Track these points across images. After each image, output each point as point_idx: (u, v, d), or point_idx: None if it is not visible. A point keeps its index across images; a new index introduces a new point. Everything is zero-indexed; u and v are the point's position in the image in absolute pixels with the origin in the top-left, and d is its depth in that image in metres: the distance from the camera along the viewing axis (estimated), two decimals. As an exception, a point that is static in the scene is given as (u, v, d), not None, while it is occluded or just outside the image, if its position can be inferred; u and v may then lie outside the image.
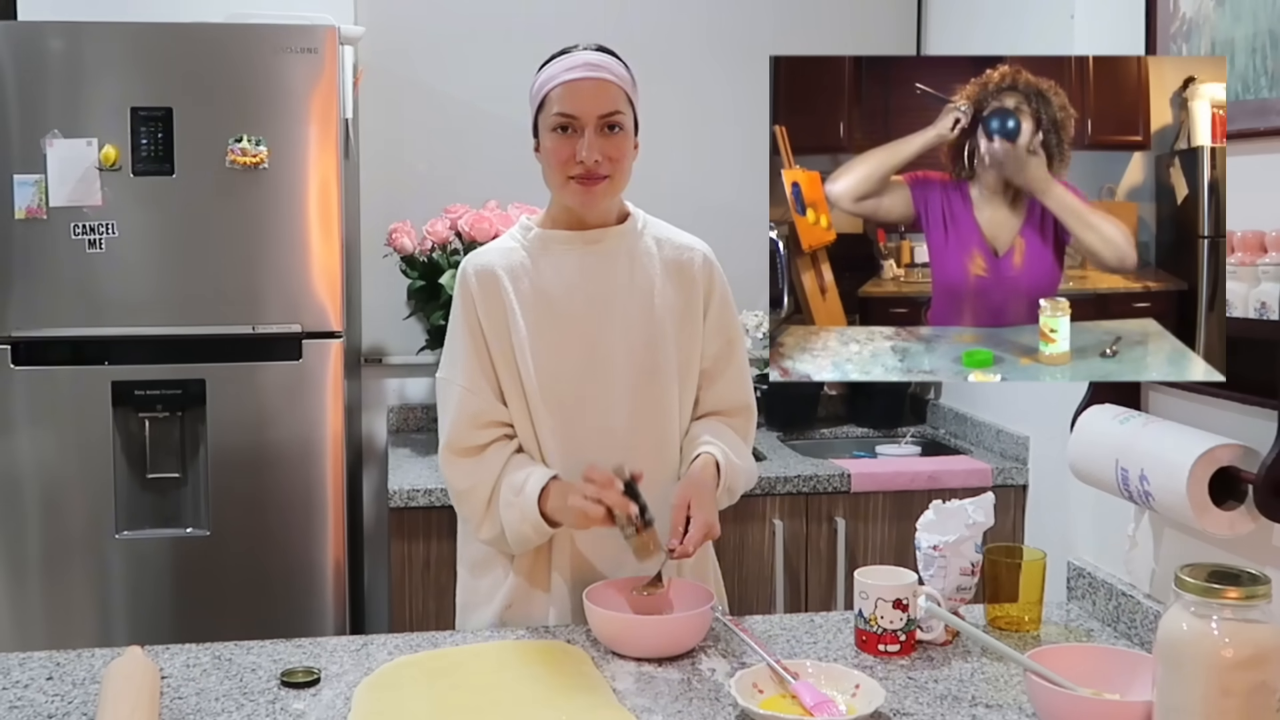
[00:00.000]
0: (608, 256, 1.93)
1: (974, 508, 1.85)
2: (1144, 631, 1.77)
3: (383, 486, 3.19)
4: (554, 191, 1.92)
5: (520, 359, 1.89)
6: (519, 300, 1.90)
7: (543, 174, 1.92)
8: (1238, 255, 1.55)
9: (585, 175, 1.85)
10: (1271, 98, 1.55)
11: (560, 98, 1.84)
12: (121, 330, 2.75)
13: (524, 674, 1.67)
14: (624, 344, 1.91)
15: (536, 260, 1.93)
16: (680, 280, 1.96)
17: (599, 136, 1.84)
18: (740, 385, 2.02)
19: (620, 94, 1.87)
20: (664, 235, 1.99)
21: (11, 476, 2.75)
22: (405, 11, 3.44)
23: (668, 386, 1.94)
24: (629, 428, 1.91)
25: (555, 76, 1.86)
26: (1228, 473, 1.56)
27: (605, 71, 1.86)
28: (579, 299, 1.91)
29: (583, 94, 1.84)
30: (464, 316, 1.92)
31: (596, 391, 1.90)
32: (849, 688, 1.56)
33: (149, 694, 1.52)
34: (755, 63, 3.57)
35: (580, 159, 1.83)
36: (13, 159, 2.69)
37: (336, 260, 2.80)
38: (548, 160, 1.88)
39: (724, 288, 2.01)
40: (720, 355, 1.99)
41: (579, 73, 1.85)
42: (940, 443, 3.42)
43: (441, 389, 1.95)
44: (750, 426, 2.05)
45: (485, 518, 1.89)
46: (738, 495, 1.98)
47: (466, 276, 1.93)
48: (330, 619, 2.83)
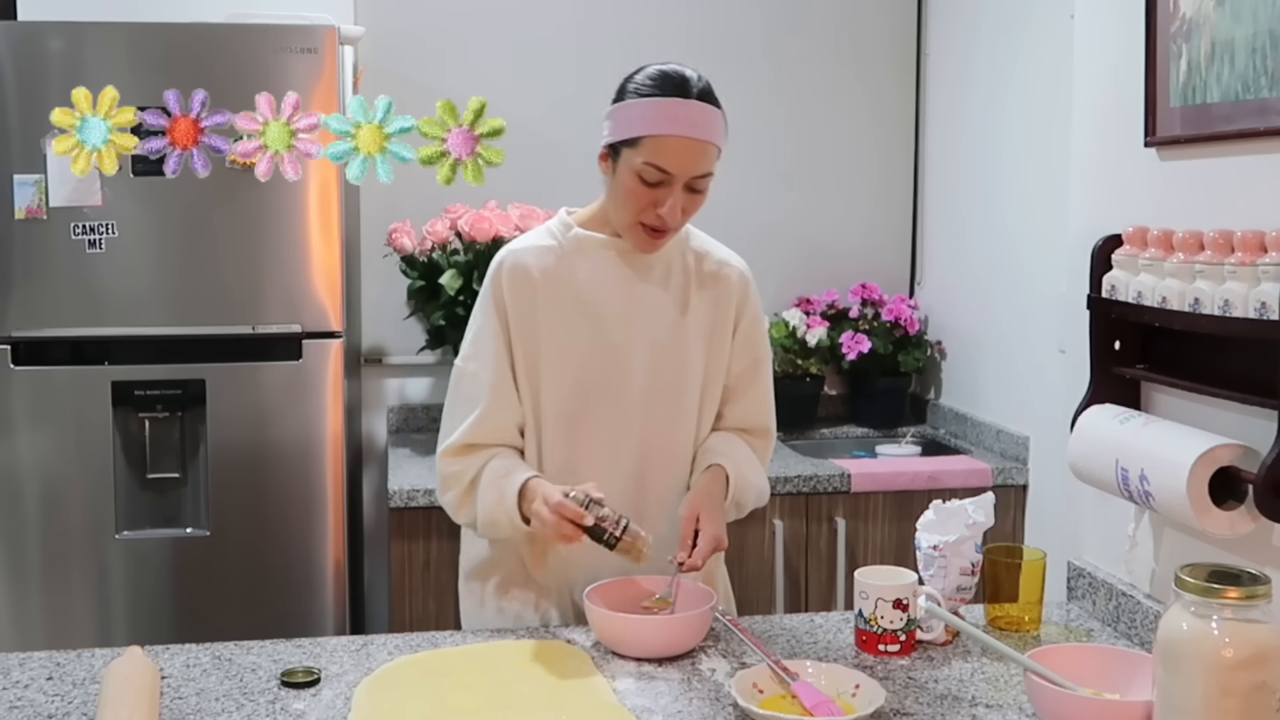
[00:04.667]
0: (645, 266, 1.90)
1: (974, 508, 1.85)
2: (1144, 631, 1.77)
3: (383, 486, 3.19)
4: (617, 223, 1.86)
5: (542, 361, 1.87)
6: (549, 301, 1.87)
7: (608, 196, 1.86)
8: (1238, 255, 1.55)
9: (658, 228, 1.82)
10: (1271, 98, 1.54)
11: (658, 151, 1.76)
12: (121, 330, 2.75)
13: (524, 674, 1.67)
14: (648, 354, 1.89)
15: (572, 260, 1.89)
16: (714, 295, 1.94)
17: (684, 193, 1.79)
18: (762, 407, 2.00)
19: (715, 152, 1.81)
20: (704, 249, 1.97)
21: (11, 476, 2.75)
22: (405, 11, 3.44)
23: (688, 400, 1.92)
24: (642, 437, 1.90)
25: (658, 122, 1.76)
26: (1228, 473, 1.56)
27: (710, 131, 1.78)
28: (610, 305, 1.89)
29: (684, 156, 1.76)
30: (494, 310, 1.89)
31: (613, 399, 1.89)
32: (849, 688, 1.56)
33: (149, 694, 1.52)
34: (755, 63, 3.58)
35: (661, 214, 1.79)
36: (13, 159, 2.69)
37: (336, 260, 2.80)
38: (622, 198, 1.81)
39: (756, 307, 1.98)
40: (745, 373, 1.97)
41: (685, 131, 1.76)
42: (940, 443, 3.42)
43: (463, 381, 1.90)
44: (768, 449, 2.03)
45: (465, 498, 1.87)
46: (746, 511, 1.96)
47: (501, 271, 1.89)
48: (330, 619, 2.83)
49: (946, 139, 3.57)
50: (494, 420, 1.87)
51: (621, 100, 1.81)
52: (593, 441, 1.89)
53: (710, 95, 1.81)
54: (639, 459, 1.90)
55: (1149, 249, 1.71)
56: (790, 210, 3.65)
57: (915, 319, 3.53)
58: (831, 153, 3.68)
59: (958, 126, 3.48)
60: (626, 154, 1.79)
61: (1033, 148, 3.02)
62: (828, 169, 3.69)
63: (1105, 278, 1.80)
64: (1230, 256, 1.56)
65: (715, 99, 1.81)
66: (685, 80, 1.79)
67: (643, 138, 1.77)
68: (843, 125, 3.68)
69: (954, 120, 3.51)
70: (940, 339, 3.57)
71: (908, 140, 3.72)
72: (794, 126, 3.65)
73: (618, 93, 1.83)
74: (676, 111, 1.76)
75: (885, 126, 3.70)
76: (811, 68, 3.64)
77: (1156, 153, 1.79)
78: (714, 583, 2.01)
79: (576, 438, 1.89)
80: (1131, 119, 1.82)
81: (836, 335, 3.49)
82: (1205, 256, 1.60)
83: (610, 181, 1.85)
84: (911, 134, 3.72)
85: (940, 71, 3.60)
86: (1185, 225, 1.66)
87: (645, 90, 1.79)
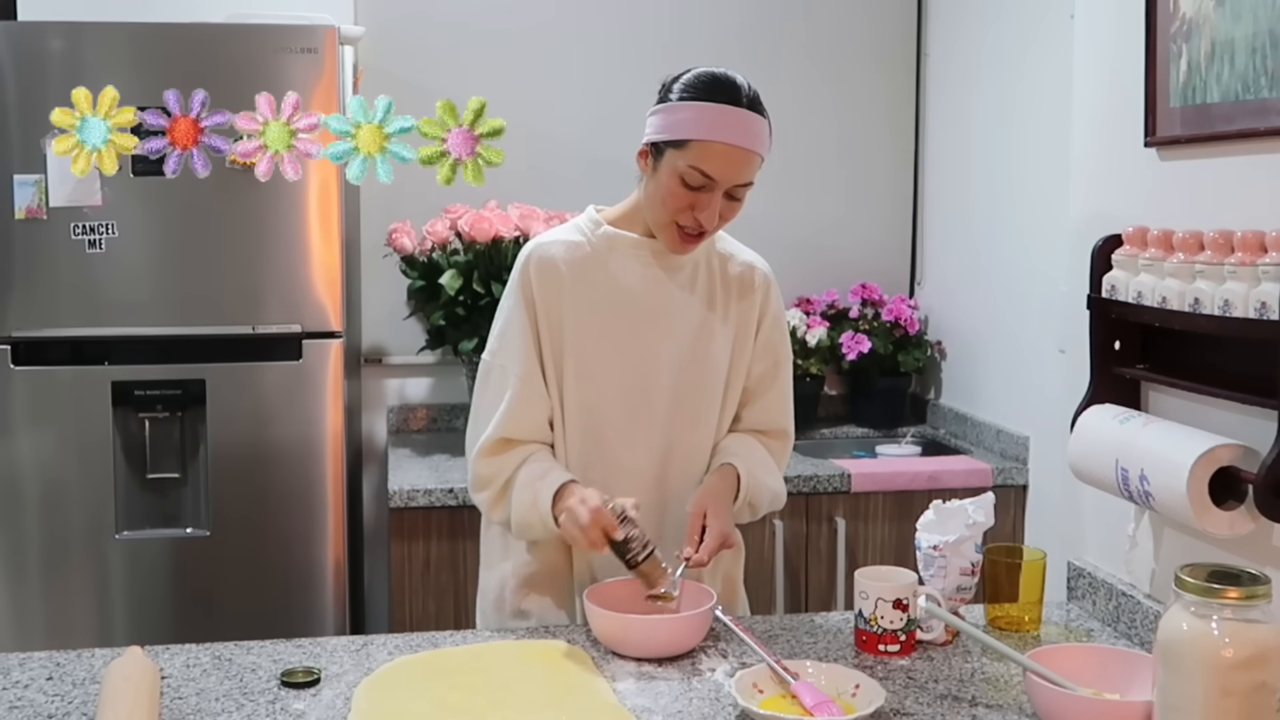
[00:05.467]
0: (674, 267, 1.89)
1: (974, 508, 1.85)
2: (1144, 631, 1.77)
3: (383, 486, 3.19)
4: (651, 221, 1.85)
5: (565, 357, 1.87)
6: (575, 298, 1.87)
7: (645, 193, 1.85)
8: (1238, 255, 1.55)
9: (693, 231, 1.81)
10: (1271, 98, 1.54)
11: (704, 156, 1.75)
12: (121, 330, 2.75)
13: (524, 674, 1.67)
14: (673, 355, 1.89)
15: (601, 258, 1.88)
16: (739, 297, 1.93)
17: (723, 200, 1.79)
18: (781, 409, 2.00)
19: (759, 161, 1.81)
20: (728, 250, 1.96)
21: (11, 476, 2.75)
22: (405, 11, 3.44)
23: (710, 401, 1.92)
24: (664, 438, 1.90)
25: (707, 127, 1.75)
26: (1228, 473, 1.56)
27: (757, 141, 1.78)
28: (636, 305, 1.88)
29: (729, 163, 1.76)
30: (522, 302, 1.88)
31: (637, 399, 1.89)
32: (849, 688, 1.56)
33: (149, 694, 1.52)
34: (755, 62, 3.57)
35: (699, 217, 1.78)
36: (13, 159, 2.69)
37: (336, 260, 2.80)
38: (661, 198, 1.79)
39: (778, 309, 1.98)
40: (765, 375, 1.97)
41: (735, 139, 1.75)
42: (940, 443, 3.42)
43: (492, 374, 1.89)
44: (785, 451, 2.02)
45: (500, 498, 1.86)
46: (761, 512, 1.96)
47: (529, 264, 1.88)
48: (330, 619, 2.83)
49: (946, 139, 3.57)
50: (525, 413, 1.86)
51: (668, 100, 1.80)
52: (614, 440, 1.89)
53: (759, 104, 1.80)
54: (661, 459, 1.90)
55: (1149, 249, 1.71)
56: (790, 210, 3.65)
57: (915, 319, 3.53)
58: (831, 153, 3.68)
59: (958, 126, 3.48)
60: (671, 155, 1.78)
61: (1033, 147, 3.02)
62: (828, 169, 3.69)
63: (1105, 278, 1.80)
64: (1230, 256, 1.56)
65: (763, 108, 1.81)
66: (737, 87, 1.78)
67: (690, 141, 1.75)
68: (843, 125, 3.68)
69: (954, 120, 3.51)
70: (940, 339, 3.57)
71: (908, 140, 3.72)
72: (794, 126, 3.64)
73: (663, 92, 1.82)
74: (726, 119, 1.75)
75: (885, 126, 3.70)
76: (812, 68, 3.64)
77: (1156, 153, 1.79)
78: (734, 584, 2.01)
79: (598, 436, 1.89)
80: (1131, 119, 1.82)
81: (836, 335, 3.49)
82: (1205, 256, 1.60)
83: (648, 180, 1.83)
84: (911, 134, 3.72)
85: (940, 71, 3.59)
86: (1185, 225, 1.66)
87: (697, 93, 1.77)
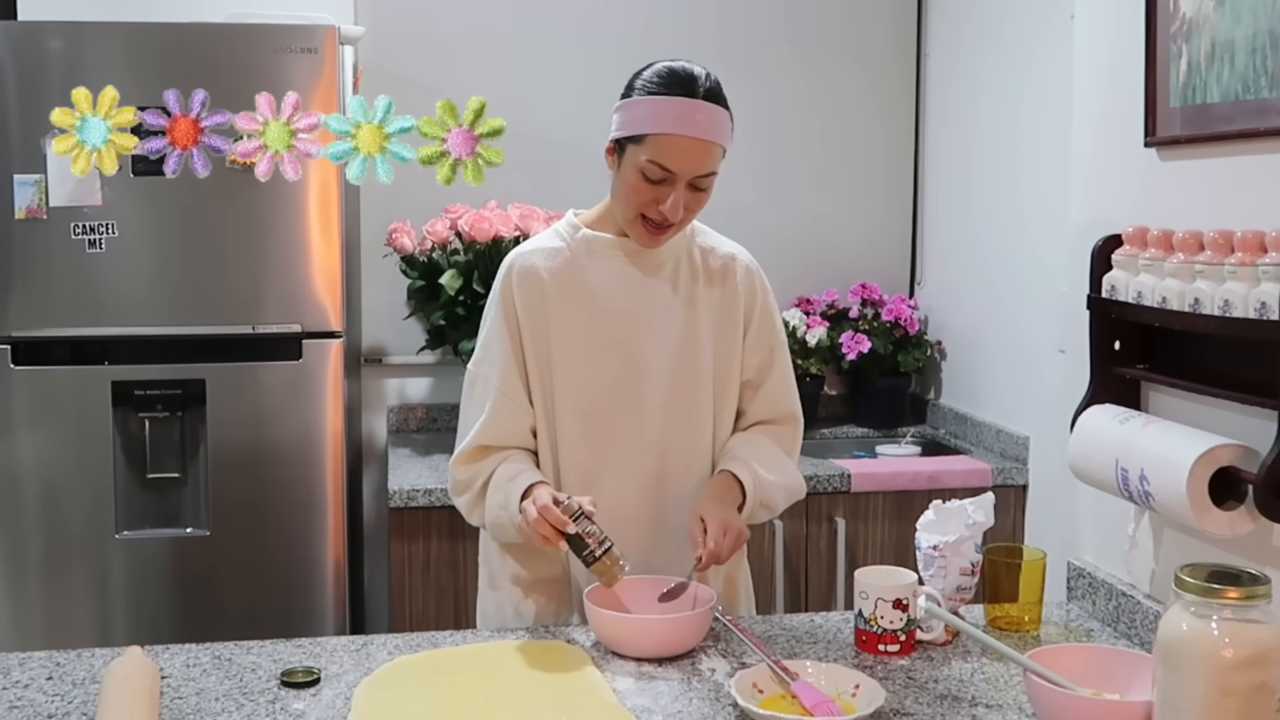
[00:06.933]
0: (653, 265, 1.90)
1: (974, 508, 1.85)
2: (1144, 631, 1.77)
3: (383, 486, 3.19)
4: (619, 217, 1.87)
5: (554, 363, 1.87)
6: (559, 304, 1.88)
7: (612, 191, 1.87)
8: (1238, 255, 1.55)
9: (659, 224, 1.82)
10: (1271, 98, 1.54)
11: (662, 150, 1.77)
12: (121, 330, 2.75)
13: (524, 674, 1.67)
14: (661, 353, 1.90)
15: (581, 262, 1.90)
16: (722, 290, 1.94)
17: (687, 191, 1.79)
18: (785, 393, 1.99)
19: (720, 152, 1.81)
20: (709, 244, 1.97)
21: (11, 476, 2.75)
22: (405, 11, 3.44)
23: (703, 398, 1.92)
24: (660, 436, 1.90)
25: (663, 121, 1.77)
26: (1228, 473, 1.56)
27: (714, 132, 1.78)
28: (620, 306, 1.89)
29: (687, 155, 1.77)
30: (503, 314, 1.90)
31: (629, 401, 1.89)
32: (849, 688, 1.56)
33: (149, 694, 1.52)
34: (755, 62, 3.58)
35: (663, 210, 1.79)
36: (13, 159, 2.69)
37: (336, 260, 2.80)
38: (625, 193, 1.82)
39: (766, 296, 1.98)
40: (763, 365, 1.97)
41: (689, 131, 1.76)
42: (940, 443, 3.42)
43: (476, 384, 1.92)
44: (796, 435, 2.02)
45: (477, 501, 1.88)
46: (778, 510, 1.96)
47: (510, 274, 1.90)
48: (330, 619, 2.83)
49: (946, 139, 3.56)
50: (502, 423, 1.88)
51: (629, 96, 1.82)
52: (611, 442, 1.89)
53: (717, 95, 1.81)
54: (658, 458, 1.90)
55: (1149, 249, 1.71)
56: (790, 210, 3.65)
57: (915, 319, 3.53)
58: (831, 153, 3.68)
59: (958, 126, 3.48)
60: (631, 150, 1.79)
61: (1032, 148, 3.02)
62: (828, 169, 3.68)
63: (1105, 278, 1.80)
64: (1230, 256, 1.56)
65: (723, 98, 1.81)
66: (693, 79, 1.79)
67: (647, 135, 1.77)
68: (843, 125, 3.68)
69: (954, 120, 3.51)
70: (940, 339, 3.57)
71: (908, 140, 3.72)
72: (794, 126, 3.65)
73: (626, 88, 1.83)
74: (681, 111, 1.76)
75: (885, 126, 3.70)
76: (811, 67, 3.64)
77: (1156, 153, 1.79)
78: (734, 585, 2.01)
79: (594, 438, 1.89)
80: (1131, 119, 1.82)
81: (836, 335, 3.49)
82: (1205, 256, 1.60)
83: (615, 176, 1.86)
84: (911, 134, 3.71)
85: (940, 71, 3.59)
86: (1185, 225, 1.66)
87: (652, 88, 1.79)
